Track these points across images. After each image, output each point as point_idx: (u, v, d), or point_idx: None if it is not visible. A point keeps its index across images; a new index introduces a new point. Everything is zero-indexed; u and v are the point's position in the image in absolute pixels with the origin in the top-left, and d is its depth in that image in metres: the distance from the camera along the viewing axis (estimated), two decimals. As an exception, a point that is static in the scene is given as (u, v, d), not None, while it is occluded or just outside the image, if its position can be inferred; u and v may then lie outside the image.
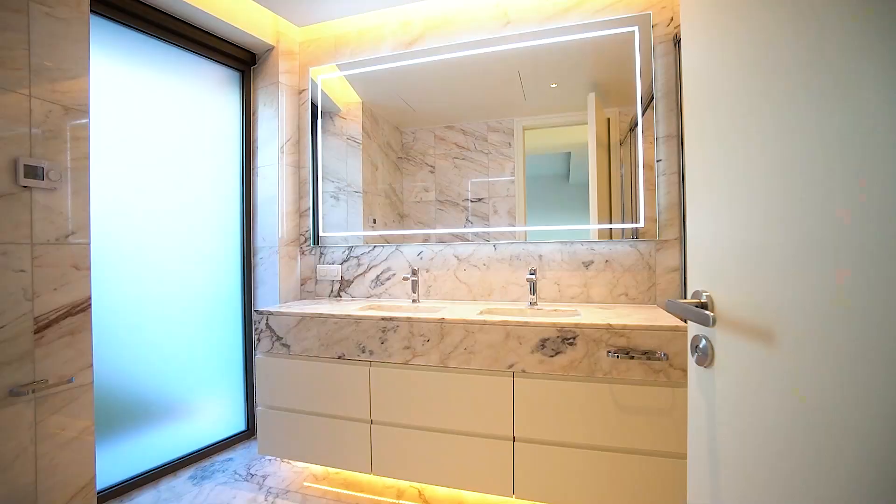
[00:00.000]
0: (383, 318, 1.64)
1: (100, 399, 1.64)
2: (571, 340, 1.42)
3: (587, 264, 1.88)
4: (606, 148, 1.87)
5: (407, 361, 1.61)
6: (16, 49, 1.22)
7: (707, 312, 0.54)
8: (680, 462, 1.33)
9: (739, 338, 0.53)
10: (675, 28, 1.75)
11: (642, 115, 1.77)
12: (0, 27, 1.19)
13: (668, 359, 1.32)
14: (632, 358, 1.35)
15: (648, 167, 1.77)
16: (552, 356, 1.44)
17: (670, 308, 0.62)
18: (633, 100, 1.79)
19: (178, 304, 1.95)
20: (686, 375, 1.31)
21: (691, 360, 0.66)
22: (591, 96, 1.88)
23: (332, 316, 1.71)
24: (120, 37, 1.75)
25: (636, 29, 1.77)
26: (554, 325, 1.44)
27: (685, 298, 0.64)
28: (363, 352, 1.67)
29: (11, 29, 1.21)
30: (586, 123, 1.87)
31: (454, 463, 1.56)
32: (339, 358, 1.70)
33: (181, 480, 1.83)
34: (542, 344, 1.45)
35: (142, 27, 1.79)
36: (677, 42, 1.72)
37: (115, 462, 1.70)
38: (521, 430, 1.49)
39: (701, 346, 0.63)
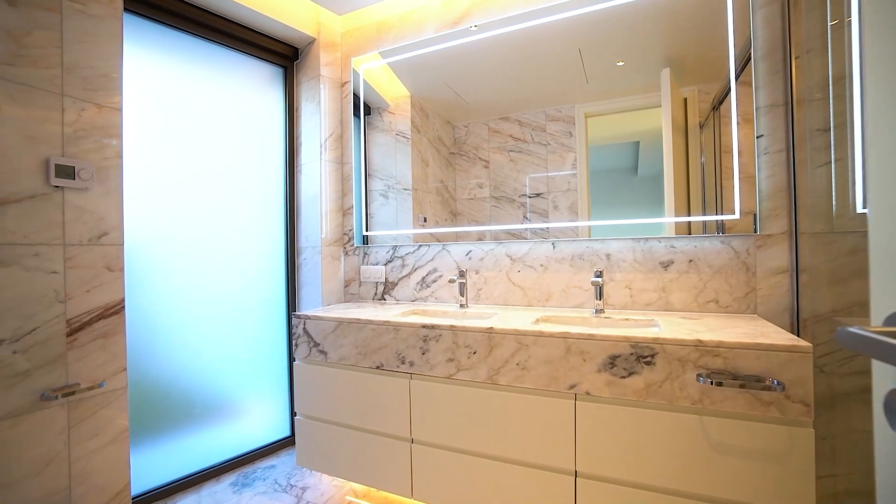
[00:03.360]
0: (424, 326, 1.46)
1: (142, 400, 1.63)
2: (649, 359, 1.15)
3: (665, 265, 1.57)
4: (683, 133, 1.56)
5: (451, 375, 1.42)
6: (48, 47, 1.20)
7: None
8: (801, 524, 1.02)
9: None
10: (781, -31, 1.40)
11: (736, 79, 1.44)
12: (33, 26, 1.17)
13: (783, 389, 1.01)
14: (720, 384, 1.05)
15: (741, 148, 1.44)
16: (624, 377, 1.18)
17: (847, 342, 0.36)
18: (716, 74, 1.47)
19: (222, 305, 1.92)
20: (811, 412, 1.00)
21: (883, 424, 0.39)
22: (666, 73, 1.57)
23: (370, 322, 1.56)
24: (163, 37, 1.74)
25: (728, -24, 1.44)
26: (626, 339, 1.17)
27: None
28: (403, 362, 1.50)
29: (44, 27, 1.19)
30: (659, 106, 1.57)
31: (504, 495, 1.35)
32: (378, 368, 1.56)
33: (223, 486, 1.79)
34: (612, 362, 1.19)
35: (184, 26, 1.77)
36: (785, -14, 1.37)
37: (157, 465, 1.69)
38: (585, 463, 1.24)
39: (911, 408, 0.37)
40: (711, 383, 1.06)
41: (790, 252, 1.40)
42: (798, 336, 1.28)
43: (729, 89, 1.45)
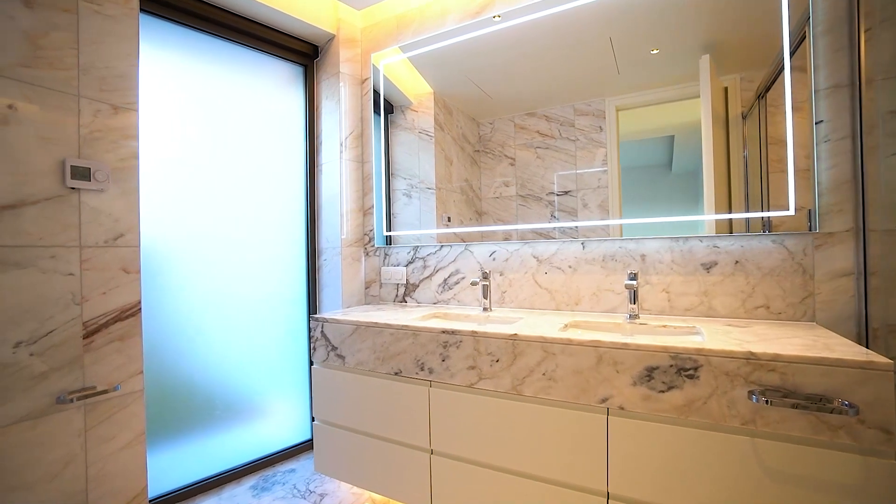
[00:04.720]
0: (444, 331, 1.38)
1: (163, 402, 1.63)
2: (691, 372, 1.03)
3: (708, 266, 1.43)
4: (723, 124, 1.42)
5: (472, 384, 1.34)
6: (64, 48, 1.19)
7: None
8: (877, 569, 0.88)
9: None
10: (845, -67, 1.24)
11: (791, 56, 1.28)
12: (49, 27, 1.17)
13: (856, 412, 0.87)
14: (769, 403, 0.92)
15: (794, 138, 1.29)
16: (662, 391, 1.06)
17: None
18: (762, 59, 1.33)
19: (243, 306, 1.91)
20: (893, 440, 0.85)
21: None
22: (705, 59, 1.43)
23: (389, 326, 1.50)
24: (182, 38, 1.74)
25: (782, -58, 1.29)
26: (665, 349, 1.06)
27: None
28: (422, 369, 1.43)
29: (61, 29, 1.19)
30: (697, 97, 1.44)
31: (530, 515, 1.25)
32: (396, 374, 1.49)
33: (243, 489, 1.77)
34: (648, 374, 1.08)
35: (203, 26, 1.76)
36: (850, -49, 1.21)
37: (178, 466, 1.68)
38: (618, 484, 1.13)
39: None
40: (767, 402, 0.93)
41: (856, 252, 1.24)
42: (867, 348, 1.12)
43: (780, 70, 1.30)
